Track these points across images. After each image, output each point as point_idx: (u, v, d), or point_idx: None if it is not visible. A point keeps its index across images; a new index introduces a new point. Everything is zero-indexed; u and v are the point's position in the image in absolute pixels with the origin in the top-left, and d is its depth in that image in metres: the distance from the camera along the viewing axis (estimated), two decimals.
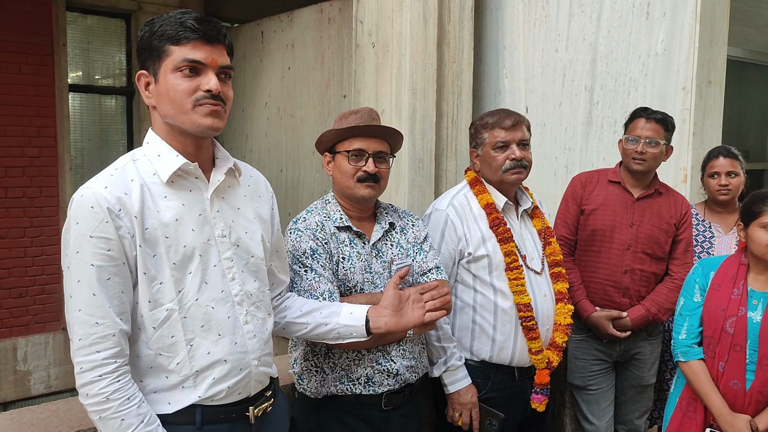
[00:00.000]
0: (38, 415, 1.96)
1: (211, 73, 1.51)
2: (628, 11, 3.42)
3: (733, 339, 2.30)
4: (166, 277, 1.51)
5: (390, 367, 2.10)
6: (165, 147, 1.57)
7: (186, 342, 1.54)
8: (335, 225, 2.12)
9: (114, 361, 1.46)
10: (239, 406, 1.64)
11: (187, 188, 1.58)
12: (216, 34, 1.53)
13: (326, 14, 4.87)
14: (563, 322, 2.46)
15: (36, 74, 5.52)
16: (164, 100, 1.53)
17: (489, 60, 4.09)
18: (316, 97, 5.00)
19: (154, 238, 1.50)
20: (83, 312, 1.45)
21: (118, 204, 1.47)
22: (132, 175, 1.53)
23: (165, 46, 1.50)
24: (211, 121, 1.52)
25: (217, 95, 1.51)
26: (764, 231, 2.30)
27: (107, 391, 1.44)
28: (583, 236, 2.86)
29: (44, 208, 5.62)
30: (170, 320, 1.53)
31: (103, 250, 1.44)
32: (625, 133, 2.81)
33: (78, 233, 1.45)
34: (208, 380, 1.57)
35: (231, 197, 1.67)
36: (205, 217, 1.59)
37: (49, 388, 5.69)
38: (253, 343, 1.65)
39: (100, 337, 1.45)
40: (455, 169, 3.77)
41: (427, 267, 2.21)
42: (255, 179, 1.79)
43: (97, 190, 1.47)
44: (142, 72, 1.56)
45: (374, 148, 2.11)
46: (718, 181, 3.01)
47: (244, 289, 1.64)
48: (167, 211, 1.53)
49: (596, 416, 2.90)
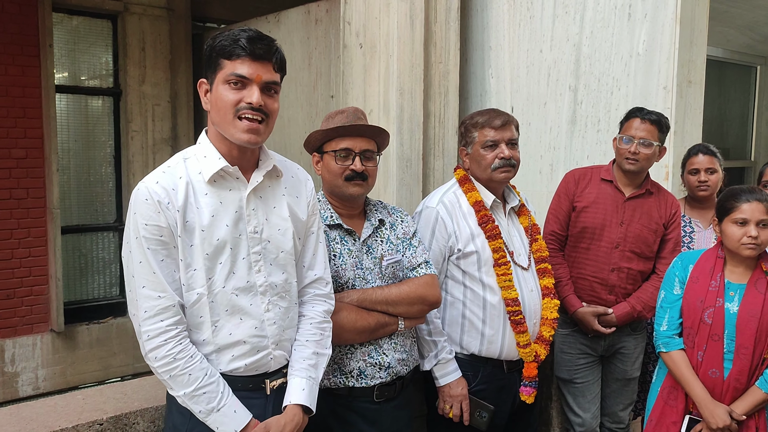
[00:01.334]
0: (37, 410, 1.99)
1: (255, 87, 1.68)
2: (610, 12, 3.48)
3: (711, 329, 2.36)
4: (199, 265, 1.71)
5: (382, 360, 2.15)
6: (211, 149, 1.76)
7: (212, 323, 1.74)
8: (326, 223, 2.16)
9: (176, 327, 1.69)
10: (257, 378, 1.82)
11: (227, 187, 1.76)
12: (264, 52, 1.69)
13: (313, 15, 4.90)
14: (550, 317, 2.52)
15: (22, 75, 5.48)
16: (214, 108, 1.72)
17: (475, 60, 4.14)
18: (303, 98, 5.03)
19: (191, 229, 1.70)
20: (147, 288, 1.67)
21: (167, 197, 1.68)
22: (181, 173, 1.73)
23: (220, 59, 1.69)
24: (248, 137, 1.70)
25: (258, 108, 1.68)
26: (736, 226, 2.37)
27: (174, 351, 1.67)
28: (573, 233, 2.90)
29: (31, 210, 5.58)
30: (200, 303, 1.73)
31: (156, 235, 1.67)
32: (619, 132, 2.84)
33: (136, 222, 1.67)
34: (228, 356, 1.77)
35: (269, 196, 1.84)
36: (241, 214, 1.77)
37: (37, 389, 5.66)
38: (272, 329, 1.82)
39: (162, 308, 1.67)
40: (443, 168, 3.82)
41: (417, 262, 2.26)
42: (296, 180, 1.94)
43: (150, 185, 1.69)
44: (202, 80, 1.76)
45: (361, 146, 2.16)
46: (697, 178, 3.08)
47: (269, 280, 1.81)
48: (206, 207, 1.72)
49: (582, 408, 2.95)
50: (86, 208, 6.14)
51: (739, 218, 2.35)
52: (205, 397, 1.70)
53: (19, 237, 5.54)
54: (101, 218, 6.23)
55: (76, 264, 6.10)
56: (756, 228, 2.32)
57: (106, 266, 6.28)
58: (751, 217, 2.33)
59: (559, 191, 2.98)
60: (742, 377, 2.34)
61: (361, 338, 2.13)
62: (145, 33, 6.16)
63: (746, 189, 2.40)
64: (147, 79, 6.20)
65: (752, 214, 2.33)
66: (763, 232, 2.33)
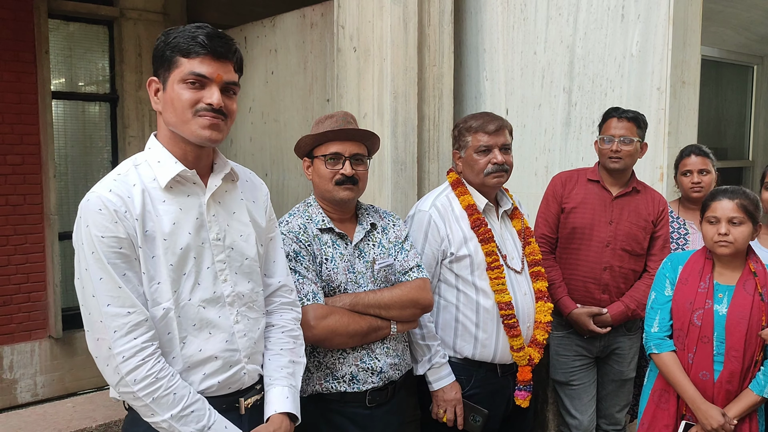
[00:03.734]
0: (25, 419, 1.98)
1: (215, 87, 1.59)
2: (603, 13, 3.48)
3: (701, 331, 2.36)
4: (164, 278, 1.59)
5: (374, 365, 2.14)
6: (165, 153, 1.64)
7: (180, 339, 1.62)
8: (317, 227, 2.15)
9: (152, 344, 1.56)
10: (230, 397, 1.71)
11: (185, 193, 1.65)
12: (225, 51, 1.60)
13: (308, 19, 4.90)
14: (543, 320, 2.52)
15: (18, 81, 5.49)
16: (169, 107, 1.60)
17: (469, 63, 4.14)
18: (299, 102, 5.02)
19: (152, 239, 1.58)
20: (113, 305, 1.53)
21: (123, 205, 1.55)
22: (134, 180, 1.60)
23: (176, 57, 1.58)
24: (209, 133, 1.60)
25: (218, 109, 1.59)
26: (709, 225, 2.39)
27: (155, 370, 1.54)
28: (563, 234, 2.91)
29: (28, 216, 5.58)
30: (167, 318, 1.60)
31: (115, 248, 1.53)
32: (599, 134, 2.88)
33: (89, 236, 1.53)
34: (199, 375, 1.65)
35: (228, 201, 1.74)
36: (202, 221, 1.66)
37: (36, 396, 5.65)
38: (243, 341, 1.72)
39: (134, 324, 1.54)
40: (437, 171, 3.81)
41: (408, 266, 2.26)
42: (251, 184, 1.86)
43: (102, 193, 1.55)
44: (153, 78, 1.64)
45: (350, 151, 2.15)
46: (690, 179, 3.07)
47: (236, 290, 1.71)
48: (165, 215, 1.61)
49: (579, 411, 2.95)
50: None
51: (710, 217, 2.38)
52: (194, 416, 1.58)
53: (16, 243, 5.54)
54: None
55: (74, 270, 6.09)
56: (727, 226, 2.33)
57: None
58: (721, 216, 2.35)
59: (546, 194, 2.99)
60: (734, 379, 2.33)
61: (353, 342, 2.11)
62: (141, 38, 6.16)
63: (723, 189, 2.42)
64: (143, 85, 6.19)
65: (723, 212, 2.34)
66: (735, 229, 2.33)
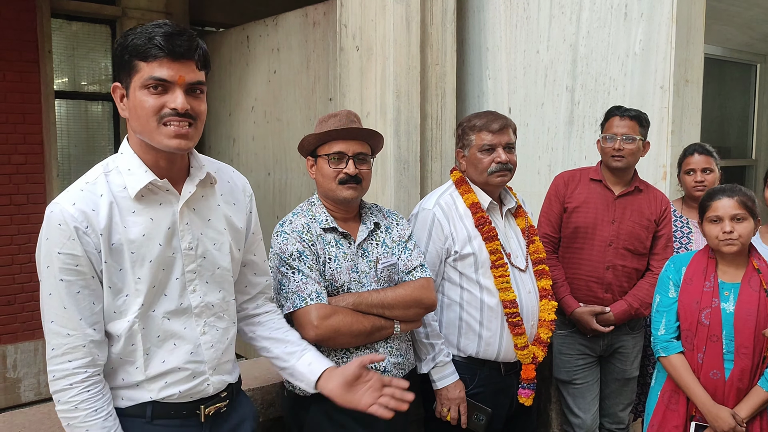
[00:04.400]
0: (30, 418, 1.98)
1: (178, 90, 1.49)
2: (606, 12, 3.47)
3: (709, 330, 2.35)
4: (131, 290, 1.55)
5: (378, 365, 2.14)
6: (136, 161, 1.57)
7: (144, 351, 1.59)
8: (321, 226, 2.14)
9: (84, 371, 1.52)
10: (191, 404, 1.68)
11: (156, 202, 1.58)
12: (185, 50, 1.49)
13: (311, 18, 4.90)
14: (547, 318, 2.51)
15: (21, 81, 5.50)
16: (134, 115, 1.52)
17: (472, 61, 4.14)
18: (302, 101, 5.03)
19: (119, 252, 1.53)
20: (55, 323, 1.50)
21: (85, 221, 1.49)
22: (102, 190, 1.54)
23: (134, 61, 1.49)
24: (177, 143, 1.51)
25: (184, 113, 1.50)
26: (712, 225, 2.38)
27: (76, 400, 1.51)
28: (566, 233, 2.91)
29: (31, 215, 5.59)
30: (132, 330, 1.57)
31: (71, 265, 1.48)
32: (602, 133, 2.88)
33: (47, 249, 1.49)
34: (160, 383, 1.62)
35: (203, 208, 1.67)
36: (174, 230, 1.60)
37: (39, 395, 5.67)
38: (209, 353, 1.68)
39: (71, 347, 1.50)
40: (440, 170, 3.81)
41: (412, 265, 2.25)
42: (231, 186, 1.78)
43: (65, 207, 1.49)
44: (116, 84, 1.56)
45: (354, 150, 2.14)
46: (693, 178, 3.07)
47: (205, 300, 1.66)
48: (134, 226, 1.55)
49: (582, 409, 2.95)
50: None
51: (713, 216, 2.37)
52: None
53: (20, 243, 5.55)
54: None
55: None
56: (730, 223, 2.33)
57: None
58: (723, 214, 2.34)
59: (549, 194, 2.99)
60: (745, 377, 2.33)
61: (357, 342, 2.11)
62: None
63: (720, 188, 2.42)
64: None
65: (724, 210, 2.34)
66: (739, 226, 2.33)
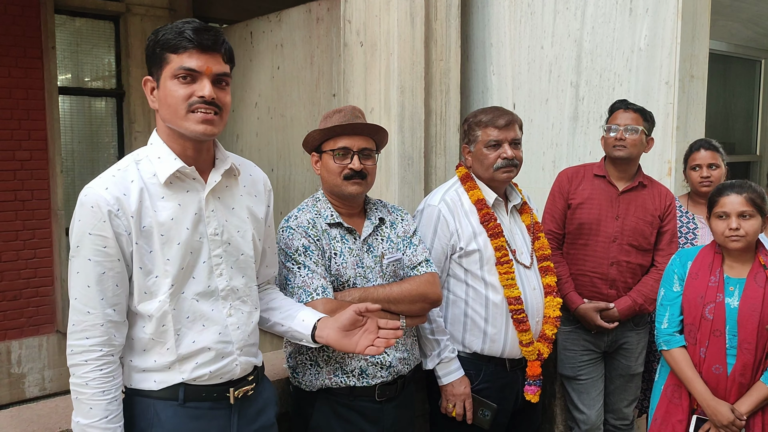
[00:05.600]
0: (37, 412, 1.99)
1: (205, 80, 1.60)
2: (611, 7, 3.46)
3: (713, 325, 2.36)
4: (161, 272, 1.64)
5: (383, 360, 2.15)
6: (165, 150, 1.67)
7: (174, 331, 1.67)
8: (326, 222, 2.15)
9: (100, 349, 1.60)
10: (221, 387, 1.75)
11: (184, 189, 1.68)
12: (212, 43, 1.61)
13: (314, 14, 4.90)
14: (552, 315, 2.51)
15: (25, 77, 5.52)
16: (164, 104, 1.63)
17: (476, 57, 4.13)
18: (305, 97, 5.03)
19: (149, 235, 1.62)
20: (78, 300, 1.60)
21: (117, 204, 1.59)
22: (132, 176, 1.64)
23: (165, 54, 1.60)
24: (204, 128, 1.62)
25: (210, 101, 1.60)
26: (719, 220, 2.38)
27: (88, 377, 1.59)
28: (570, 230, 2.91)
29: (36, 211, 5.61)
30: (162, 311, 1.65)
31: (99, 246, 1.58)
32: (605, 125, 2.88)
33: (79, 230, 1.58)
34: (191, 364, 1.70)
35: (227, 197, 1.77)
36: (200, 216, 1.69)
37: (44, 390, 5.69)
38: (236, 334, 1.76)
39: (90, 325, 1.59)
40: (444, 166, 3.81)
41: (417, 260, 2.25)
42: (254, 178, 1.88)
43: (98, 191, 1.59)
44: (147, 78, 1.67)
45: (359, 145, 2.15)
46: (699, 174, 3.06)
47: (231, 284, 1.75)
48: (164, 210, 1.64)
49: (587, 405, 2.95)
50: None
51: (720, 212, 2.38)
52: None
53: (24, 239, 5.57)
54: None
55: None
56: (737, 220, 2.33)
57: None
58: (731, 210, 2.35)
59: (553, 190, 2.99)
60: (747, 372, 2.33)
61: None
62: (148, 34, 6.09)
63: (729, 184, 2.41)
64: None
65: (732, 207, 2.35)
66: (745, 223, 2.34)
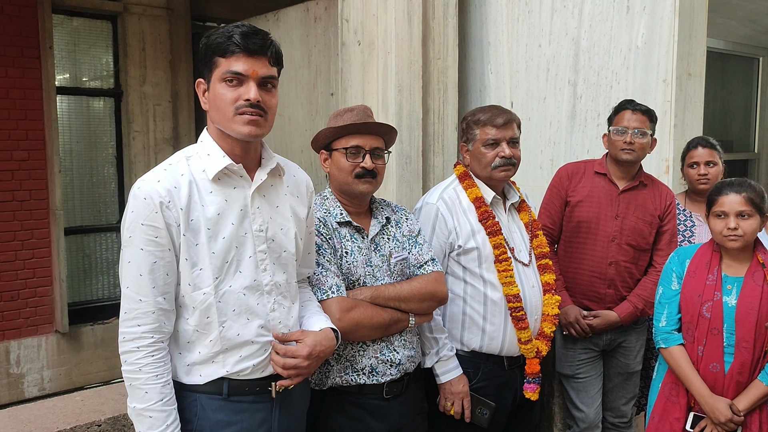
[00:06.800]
0: (35, 412, 1.99)
1: (252, 83, 1.66)
2: (608, 5, 3.46)
3: (710, 323, 2.36)
4: (206, 264, 1.69)
5: (393, 357, 2.17)
6: (215, 147, 1.74)
7: (219, 323, 1.72)
8: (336, 220, 2.17)
9: (151, 336, 1.65)
10: (263, 381, 1.80)
11: (231, 185, 1.74)
12: (259, 47, 1.67)
13: (312, 13, 4.89)
14: (551, 313, 2.52)
15: (23, 77, 5.50)
16: (213, 106, 1.71)
17: (474, 56, 4.13)
18: (303, 96, 5.02)
19: (197, 228, 1.68)
20: (130, 289, 1.65)
21: (168, 196, 1.65)
22: (183, 171, 1.71)
23: (215, 58, 1.68)
24: (250, 129, 1.68)
25: (256, 104, 1.66)
26: (718, 220, 2.38)
27: (141, 363, 1.64)
28: (568, 228, 2.90)
29: (34, 211, 5.60)
30: (207, 303, 1.70)
31: (151, 236, 1.64)
32: (611, 126, 2.85)
33: (132, 220, 1.65)
34: (235, 357, 1.74)
35: (272, 195, 1.83)
36: (246, 213, 1.75)
37: (43, 390, 5.68)
38: (279, 328, 1.81)
39: (142, 312, 1.64)
40: (442, 165, 3.81)
41: (423, 260, 2.28)
42: (297, 179, 1.94)
43: (151, 183, 1.66)
44: (200, 80, 1.75)
45: (371, 144, 2.17)
46: (697, 171, 3.06)
47: (274, 279, 1.80)
48: (211, 205, 1.70)
49: (585, 403, 2.95)
50: (89, 209, 6.16)
51: (718, 211, 2.37)
52: (149, 421, 1.65)
53: (23, 239, 5.56)
54: (104, 219, 6.25)
55: (80, 265, 6.12)
56: (735, 219, 2.33)
57: (109, 267, 6.29)
58: (729, 210, 2.34)
59: (551, 186, 2.98)
60: (745, 370, 2.33)
61: (376, 334, 2.14)
62: (145, 33, 6.17)
63: (728, 182, 2.41)
64: (148, 80, 6.21)
65: (730, 206, 2.34)
66: (744, 222, 2.34)
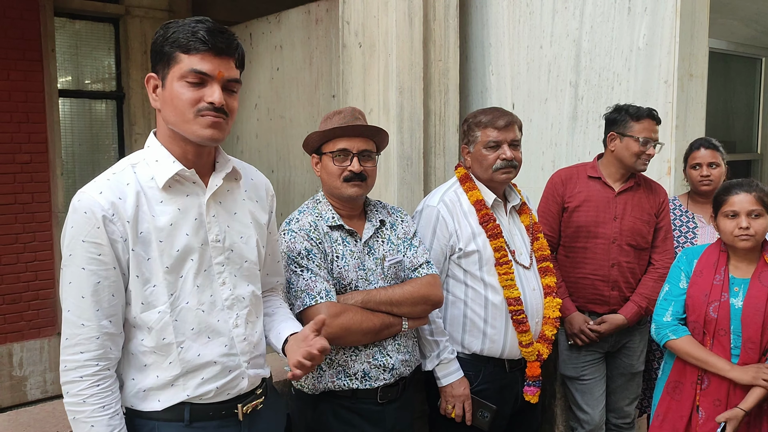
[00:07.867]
0: (34, 416, 1.99)
1: (216, 85, 1.52)
2: (610, 6, 3.46)
3: (717, 324, 2.35)
4: (159, 280, 1.54)
5: (386, 362, 2.14)
6: (164, 152, 1.58)
7: (177, 344, 1.57)
8: (327, 224, 2.14)
9: (96, 364, 1.50)
10: (228, 403, 1.66)
11: (184, 193, 1.59)
12: (226, 47, 1.53)
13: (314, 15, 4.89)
14: (552, 316, 2.51)
15: (25, 80, 5.51)
16: (168, 106, 1.54)
17: (475, 57, 4.12)
18: (305, 98, 5.02)
19: (147, 241, 1.53)
20: (71, 313, 1.49)
21: (112, 209, 1.49)
22: (128, 180, 1.55)
23: (175, 53, 1.51)
24: (211, 133, 1.53)
25: (219, 108, 1.52)
26: (728, 219, 2.36)
27: (85, 394, 1.49)
28: (567, 233, 2.89)
29: (36, 214, 5.61)
30: (162, 322, 1.56)
31: (93, 254, 1.48)
32: (629, 131, 2.75)
33: (72, 236, 1.49)
34: (196, 380, 1.60)
35: (229, 201, 1.68)
36: (201, 222, 1.60)
37: (45, 393, 5.69)
38: (243, 346, 1.67)
39: (84, 338, 1.49)
40: (444, 167, 3.80)
41: (418, 262, 2.25)
42: (255, 183, 1.80)
43: (92, 195, 1.50)
44: (151, 75, 1.57)
45: (359, 147, 2.13)
46: (699, 172, 3.05)
47: (235, 293, 1.66)
48: (162, 215, 1.55)
49: (590, 405, 2.93)
50: None
51: (729, 211, 2.36)
52: None
53: (25, 241, 5.57)
54: None
55: None
56: (747, 219, 2.32)
57: None
58: (740, 209, 2.33)
59: (545, 193, 2.96)
60: None
61: (366, 339, 2.11)
62: (147, 36, 6.18)
63: (737, 182, 2.40)
64: None
65: (741, 205, 2.33)
66: (755, 222, 2.33)
